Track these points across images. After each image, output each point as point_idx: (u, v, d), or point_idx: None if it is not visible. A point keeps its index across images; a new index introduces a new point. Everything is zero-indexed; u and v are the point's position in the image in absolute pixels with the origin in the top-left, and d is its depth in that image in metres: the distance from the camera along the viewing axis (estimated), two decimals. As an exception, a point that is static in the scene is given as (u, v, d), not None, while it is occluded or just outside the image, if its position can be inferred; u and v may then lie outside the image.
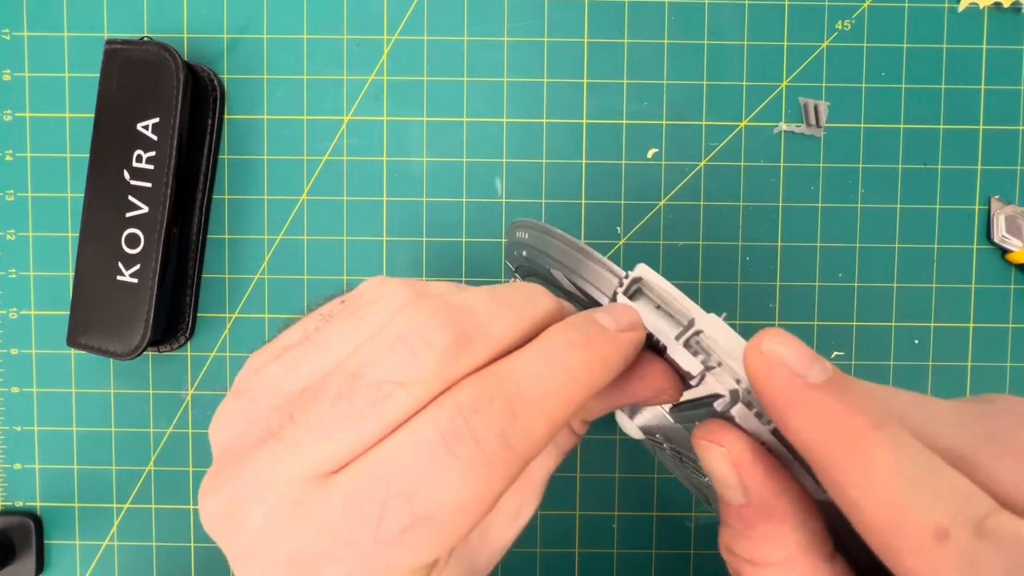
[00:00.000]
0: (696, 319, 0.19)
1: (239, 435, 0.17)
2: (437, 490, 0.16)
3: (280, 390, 0.18)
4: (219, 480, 0.17)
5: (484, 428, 0.16)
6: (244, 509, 0.16)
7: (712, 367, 0.18)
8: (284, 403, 0.17)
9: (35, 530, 0.39)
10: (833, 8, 0.38)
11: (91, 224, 0.36)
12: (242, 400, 0.18)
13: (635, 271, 0.20)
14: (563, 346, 0.18)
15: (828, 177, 0.39)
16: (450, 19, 0.38)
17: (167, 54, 0.35)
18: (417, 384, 0.16)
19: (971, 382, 0.39)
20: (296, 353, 0.18)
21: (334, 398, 0.17)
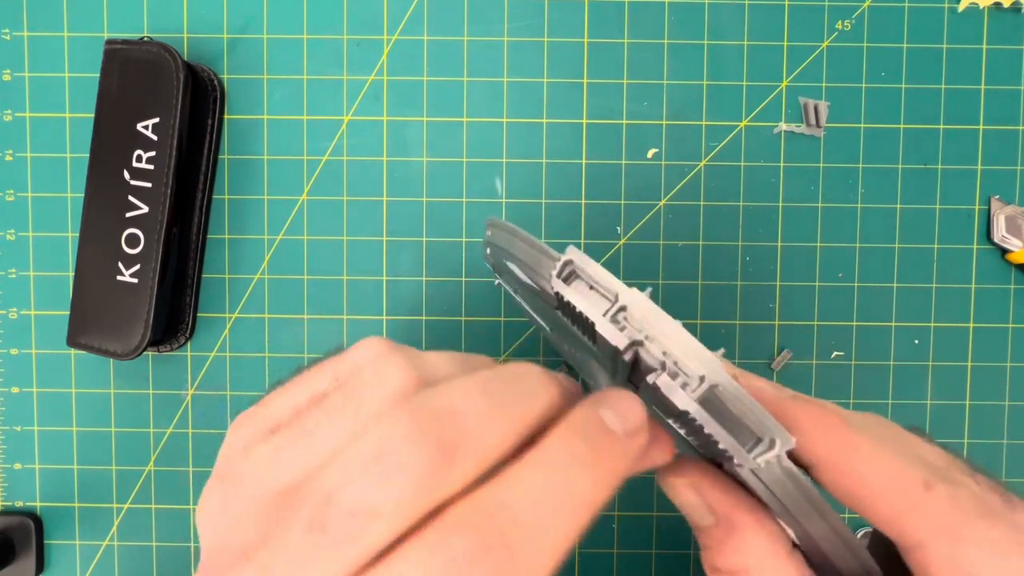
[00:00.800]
0: (620, 295, 0.19)
1: (221, 538, 0.16)
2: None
3: (267, 484, 0.16)
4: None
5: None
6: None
7: (639, 341, 0.18)
8: (263, 513, 0.16)
9: (35, 530, 0.39)
10: (833, 8, 0.38)
11: (91, 224, 0.36)
12: (229, 488, 0.17)
13: (565, 254, 0.19)
14: (567, 463, 0.16)
15: (828, 177, 0.39)
16: (450, 19, 0.38)
17: (167, 54, 0.35)
18: (393, 514, 0.15)
19: (971, 382, 0.39)
20: (286, 439, 0.17)
21: (307, 526, 0.15)
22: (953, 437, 0.39)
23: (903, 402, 0.39)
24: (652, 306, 0.19)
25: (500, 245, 0.21)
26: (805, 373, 0.39)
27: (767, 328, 0.39)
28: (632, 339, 0.18)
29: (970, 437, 0.39)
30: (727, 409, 0.18)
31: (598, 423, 0.17)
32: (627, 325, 0.19)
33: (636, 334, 0.18)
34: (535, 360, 0.39)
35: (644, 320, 0.18)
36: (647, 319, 0.18)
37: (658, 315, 0.18)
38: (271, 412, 0.18)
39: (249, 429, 0.18)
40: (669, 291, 0.39)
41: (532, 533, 0.15)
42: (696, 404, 0.18)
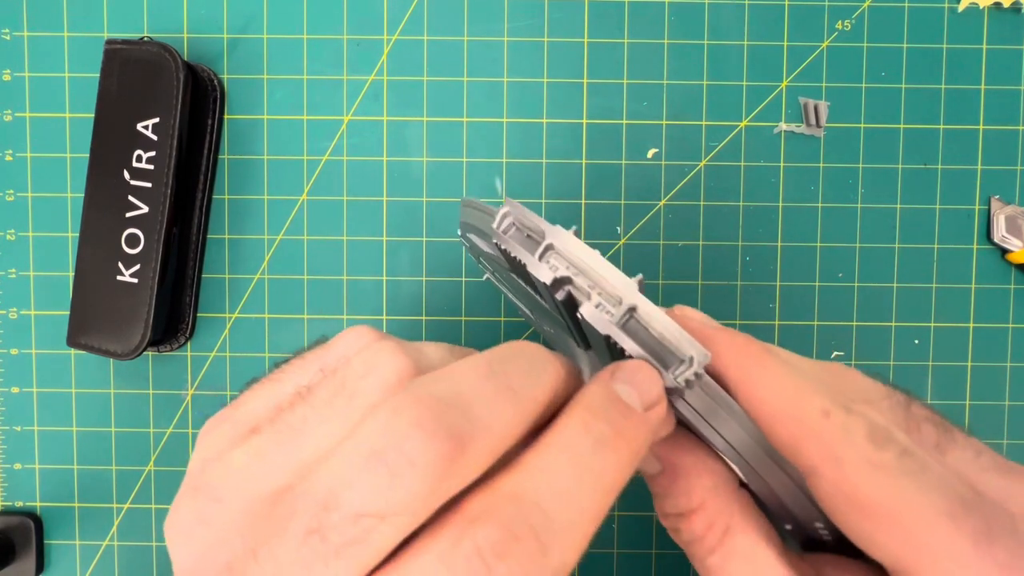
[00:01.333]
0: (546, 233, 0.19)
1: (200, 556, 0.15)
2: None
3: (250, 492, 0.15)
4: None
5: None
6: None
7: (566, 277, 0.19)
8: (248, 525, 0.15)
9: (35, 530, 0.39)
10: (833, 8, 0.38)
11: (91, 224, 0.36)
12: (203, 500, 0.15)
13: (503, 207, 0.20)
14: (591, 447, 0.16)
15: (828, 177, 0.39)
16: (450, 19, 0.38)
17: (167, 54, 0.35)
18: (403, 514, 0.14)
19: (971, 382, 0.39)
20: (268, 440, 0.15)
21: (304, 535, 0.14)
22: (953, 437, 0.39)
23: (903, 402, 0.39)
24: (576, 242, 0.19)
25: (465, 220, 0.22)
26: (805, 373, 0.39)
27: (767, 328, 0.39)
28: (557, 276, 0.18)
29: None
30: (648, 333, 0.18)
31: (617, 401, 0.17)
32: (556, 264, 0.19)
33: (563, 271, 0.19)
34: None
35: (570, 256, 0.19)
36: (572, 255, 0.19)
37: (581, 249, 0.19)
38: (247, 413, 0.17)
39: (223, 433, 0.16)
40: (669, 291, 0.39)
41: (561, 520, 0.14)
42: (618, 329, 0.18)
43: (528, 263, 0.19)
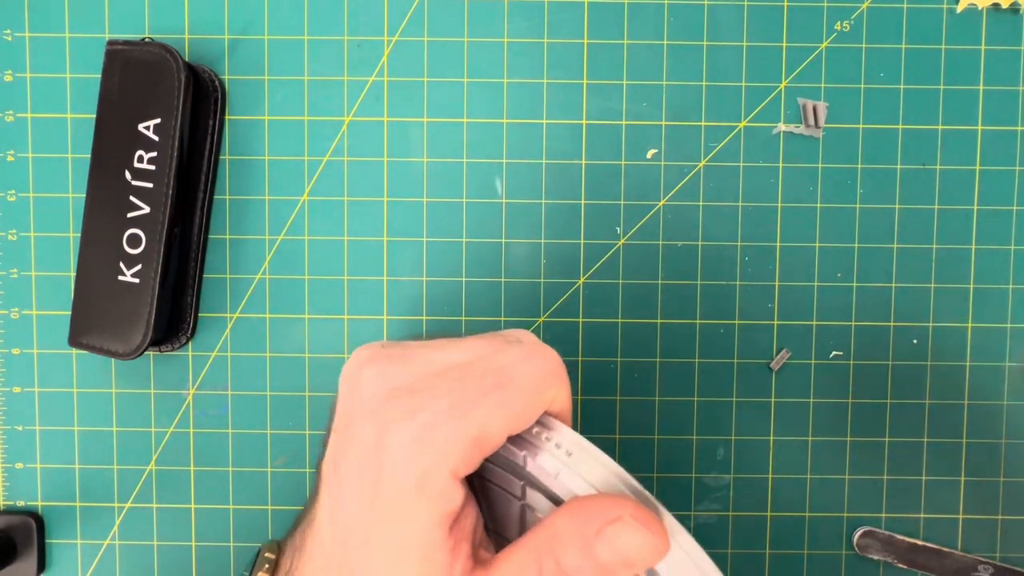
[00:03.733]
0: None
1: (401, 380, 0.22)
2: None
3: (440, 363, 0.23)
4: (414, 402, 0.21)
5: None
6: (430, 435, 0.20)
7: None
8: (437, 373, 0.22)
9: (36, 529, 0.39)
10: (832, 9, 0.38)
11: (92, 224, 0.36)
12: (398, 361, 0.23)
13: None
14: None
15: (827, 177, 0.39)
16: (450, 20, 0.38)
17: (168, 55, 0.35)
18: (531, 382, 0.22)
19: (969, 382, 0.39)
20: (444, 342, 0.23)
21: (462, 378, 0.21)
22: (952, 437, 0.39)
23: (902, 402, 0.39)
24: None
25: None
26: (804, 373, 0.39)
27: (766, 328, 0.39)
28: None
29: (968, 437, 0.39)
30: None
31: (593, 568, 0.20)
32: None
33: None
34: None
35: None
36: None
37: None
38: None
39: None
40: (668, 291, 0.39)
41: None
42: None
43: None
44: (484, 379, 0.21)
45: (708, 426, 0.39)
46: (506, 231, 0.39)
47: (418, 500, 0.20)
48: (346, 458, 0.21)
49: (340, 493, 0.21)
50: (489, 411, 0.20)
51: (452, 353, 0.22)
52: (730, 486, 0.39)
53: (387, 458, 0.20)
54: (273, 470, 0.39)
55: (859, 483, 0.39)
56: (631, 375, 0.39)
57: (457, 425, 0.20)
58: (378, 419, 0.21)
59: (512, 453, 0.22)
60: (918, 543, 0.39)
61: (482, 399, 0.20)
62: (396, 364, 0.22)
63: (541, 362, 0.21)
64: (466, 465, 0.20)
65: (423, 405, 0.20)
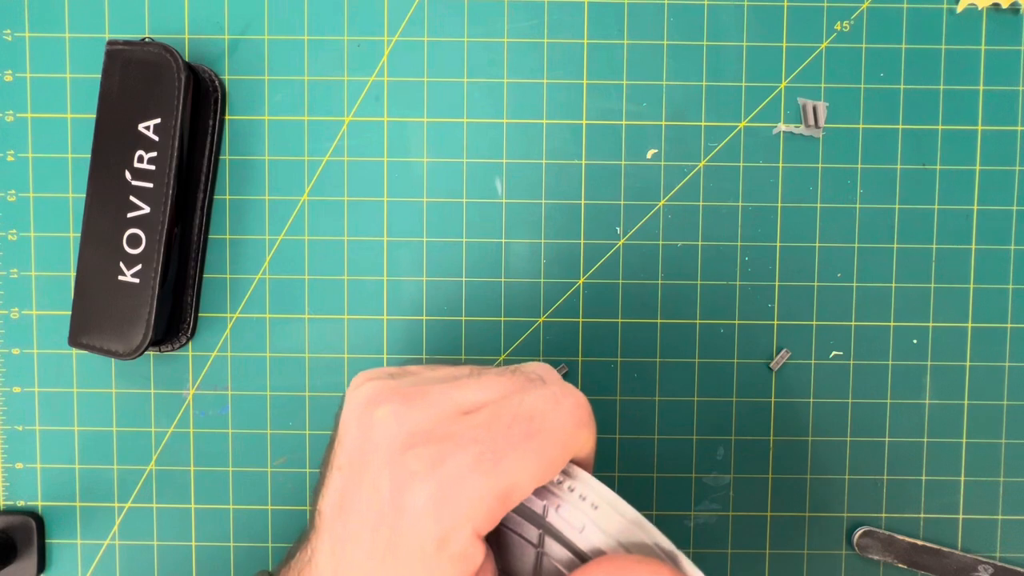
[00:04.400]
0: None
1: (417, 425, 0.21)
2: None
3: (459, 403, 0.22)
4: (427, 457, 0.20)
5: None
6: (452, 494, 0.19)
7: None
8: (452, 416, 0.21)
9: (36, 529, 0.39)
10: (832, 9, 0.38)
11: (92, 224, 0.36)
12: (415, 401, 0.22)
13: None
14: None
15: (827, 177, 0.39)
16: (450, 20, 0.38)
17: (168, 55, 0.35)
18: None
19: (969, 382, 0.39)
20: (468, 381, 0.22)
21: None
22: (951, 437, 0.39)
23: (902, 402, 0.39)
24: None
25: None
26: (804, 373, 0.39)
27: (766, 328, 0.39)
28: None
29: (968, 437, 0.39)
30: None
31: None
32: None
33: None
34: (535, 357, 0.39)
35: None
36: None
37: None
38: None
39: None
40: (668, 291, 0.39)
41: None
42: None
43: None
44: (513, 428, 0.19)
45: (708, 426, 0.39)
46: (506, 231, 0.39)
47: (438, 561, 0.19)
48: (356, 506, 0.20)
49: (348, 541, 0.20)
50: (519, 464, 0.19)
51: (473, 392, 0.21)
52: (730, 486, 0.39)
53: (406, 515, 0.19)
54: (273, 470, 0.39)
55: (859, 483, 0.39)
56: (631, 375, 0.39)
57: (483, 481, 0.19)
58: (395, 471, 0.19)
59: (532, 502, 0.21)
60: (918, 543, 0.39)
61: (511, 451, 0.19)
62: (412, 405, 0.20)
63: (572, 407, 0.20)
64: (490, 523, 0.19)
65: (445, 457, 0.19)
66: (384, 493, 0.19)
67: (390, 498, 0.19)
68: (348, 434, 0.21)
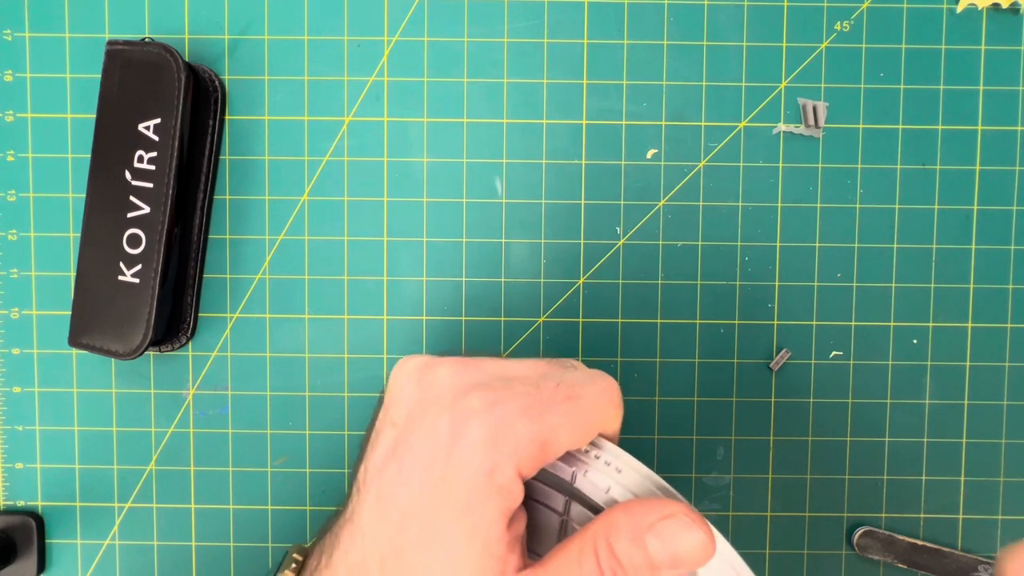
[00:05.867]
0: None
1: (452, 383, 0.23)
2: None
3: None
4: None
5: None
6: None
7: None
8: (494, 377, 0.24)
9: (36, 529, 0.39)
10: (832, 9, 0.38)
11: (92, 224, 0.36)
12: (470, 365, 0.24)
13: None
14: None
15: (827, 177, 0.39)
16: (450, 20, 0.38)
17: (168, 55, 0.35)
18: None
19: (969, 382, 0.39)
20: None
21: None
22: (951, 437, 0.39)
23: (901, 402, 0.39)
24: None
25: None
26: (804, 373, 0.39)
27: (766, 328, 0.39)
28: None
29: (968, 437, 0.39)
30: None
31: (643, 558, 0.21)
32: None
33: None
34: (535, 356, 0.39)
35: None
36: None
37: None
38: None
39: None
40: (668, 291, 0.39)
41: None
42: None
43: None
44: (556, 392, 0.22)
45: (708, 426, 0.39)
46: (506, 231, 0.39)
47: (487, 490, 0.21)
48: (411, 449, 0.22)
49: (397, 483, 0.22)
50: (559, 419, 0.22)
51: (519, 366, 0.24)
52: (730, 486, 0.39)
53: (463, 445, 0.21)
54: (273, 470, 0.39)
55: (859, 483, 0.39)
56: (631, 375, 0.39)
57: (530, 426, 0.21)
58: (455, 409, 0.22)
59: (560, 469, 0.23)
60: (918, 543, 0.39)
61: (554, 407, 0.22)
62: (470, 367, 0.23)
63: (606, 385, 0.23)
64: (530, 466, 0.21)
65: (500, 402, 0.22)
66: (443, 430, 0.22)
67: (448, 432, 0.21)
68: (406, 391, 0.23)
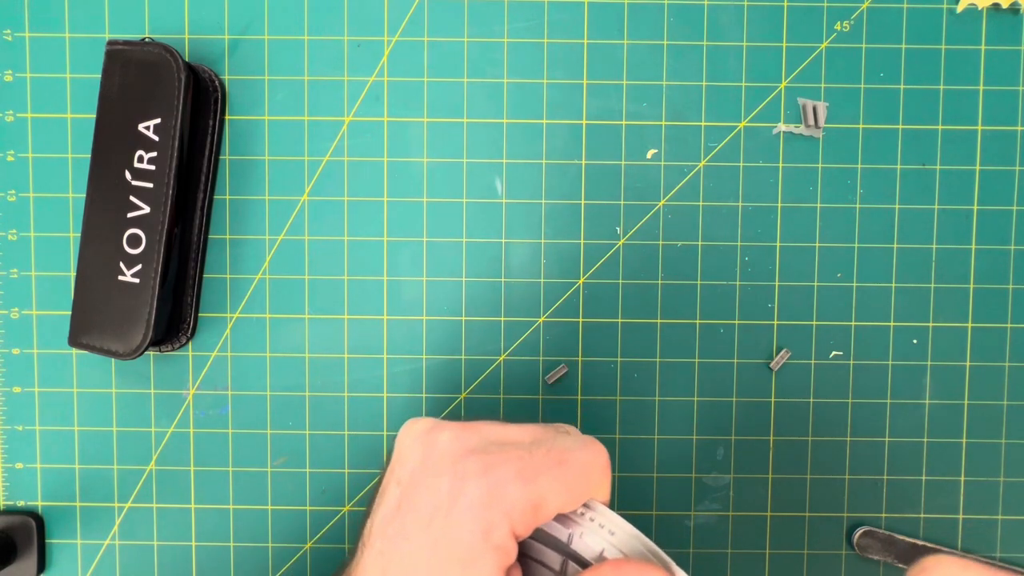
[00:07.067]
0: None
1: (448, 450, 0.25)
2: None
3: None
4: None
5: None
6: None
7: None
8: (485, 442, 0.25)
9: (36, 529, 0.39)
10: (832, 9, 0.38)
11: (92, 224, 0.36)
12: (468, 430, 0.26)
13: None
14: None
15: (827, 177, 0.39)
16: (450, 20, 0.38)
17: (168, 55, 0.35)
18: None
19: (969, 382, 0.39)
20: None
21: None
22: (951, 437, 0.39)
23: (901, 402, 0.39)
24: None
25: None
26: (804, 373, 0.39)
27: (766, 328, 0.39)
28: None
29: (968, 437, 0.39)
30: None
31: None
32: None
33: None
34: (535, 357, 0.39)
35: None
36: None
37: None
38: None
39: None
40: (668, 291, 0.39)
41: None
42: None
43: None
44: (548, 456, 0.24)
45: (708, 426, 0.39)
46: (506, 231, 0.39)
47: (483, 549, 0.22)
48: (414, 506, 0.24)
49: (400, 538, 0.24)
50: (550, 484, 0.23)
51: (516, 431, 0.26)
52: (730, 486, 0.39)
53: (461, 505, 0.23)
54: (273, 470, 0.39)
55: (859, 483, 0.39)
56: (631, 375, 0.39)
57: (523, 489, 0.23)
58: (456, 471, 0.24)
59: (557, 530, 0.25)
60: (918, 543, 0.39)
61: (546, 471, 0.24)
62: (469, 432, 0.25)
63: (595, 452, 0.25)
64: (524, 526, 0.23)
65: (495, 465, 0.23)
66: (443, 489, 0.23)
67: (448, 493, 0.23)
68: (411, 452, 0.25)
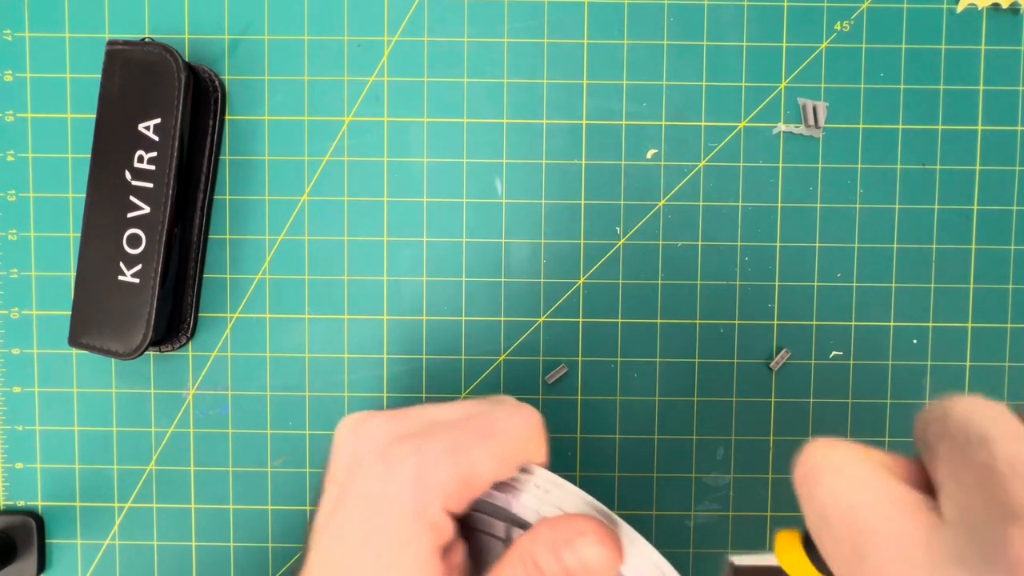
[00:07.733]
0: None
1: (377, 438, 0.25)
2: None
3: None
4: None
5: None
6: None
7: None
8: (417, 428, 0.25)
9: (36, 529, 0.39)
10: (832, 9, 0.38)
11: (92, 224, 0.36)
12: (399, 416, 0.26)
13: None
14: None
15: (827, 177, 0.39)
16: (450, 20, 0.38)
17: (168, 55, 0.35)
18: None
19: (969, 382, 0.39)
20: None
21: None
22: (951, 436, 0.39)
23: (901, 402, 0.39)
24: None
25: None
26: (804, 373, 0.39)
27: (766, 328, 0.39)
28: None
29: (968, 436, 0.39)
30: None
31: (560, 569, 0.23)
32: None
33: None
34: (535, 357, 0.39)
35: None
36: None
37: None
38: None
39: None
40: (668, 291, 0.39)
41: None
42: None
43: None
44: (478, 427, 0.24)
45: (708, 426, 0.39)
46: (506, 231, 0.39)
47: (417, 527, 0.23)
48: (350, 499, 0.24)
49: (339, 535, 0.24)
50: (480, 455, 0.24)
51: (446, 410, 0.26)
52: (730, 486, 0.39)
53: (392, 489, 0.23)
54: (273, 470, 0.39)
55: (859, 483, 0.39)
56: (631, 375, 0.39)
57: (453, 465, 0.23)
58: (386, 458, 0.24)
59: (497, 498, 0.25)
60: (918, 543, 0.39)
61: (476, 443, 0.24)
62: (398, 418, 0.25)
63: (524, 415, 0.25)
64: (457, 501, 0.23)
65: (424, 446, 0.24)
66: (376, 475, 0.24)
67: (381, 479, 0.23)
68: (344, 447, 0.25)
